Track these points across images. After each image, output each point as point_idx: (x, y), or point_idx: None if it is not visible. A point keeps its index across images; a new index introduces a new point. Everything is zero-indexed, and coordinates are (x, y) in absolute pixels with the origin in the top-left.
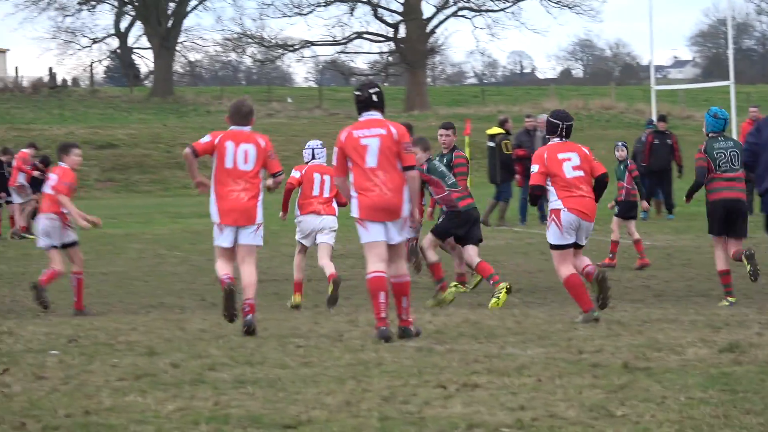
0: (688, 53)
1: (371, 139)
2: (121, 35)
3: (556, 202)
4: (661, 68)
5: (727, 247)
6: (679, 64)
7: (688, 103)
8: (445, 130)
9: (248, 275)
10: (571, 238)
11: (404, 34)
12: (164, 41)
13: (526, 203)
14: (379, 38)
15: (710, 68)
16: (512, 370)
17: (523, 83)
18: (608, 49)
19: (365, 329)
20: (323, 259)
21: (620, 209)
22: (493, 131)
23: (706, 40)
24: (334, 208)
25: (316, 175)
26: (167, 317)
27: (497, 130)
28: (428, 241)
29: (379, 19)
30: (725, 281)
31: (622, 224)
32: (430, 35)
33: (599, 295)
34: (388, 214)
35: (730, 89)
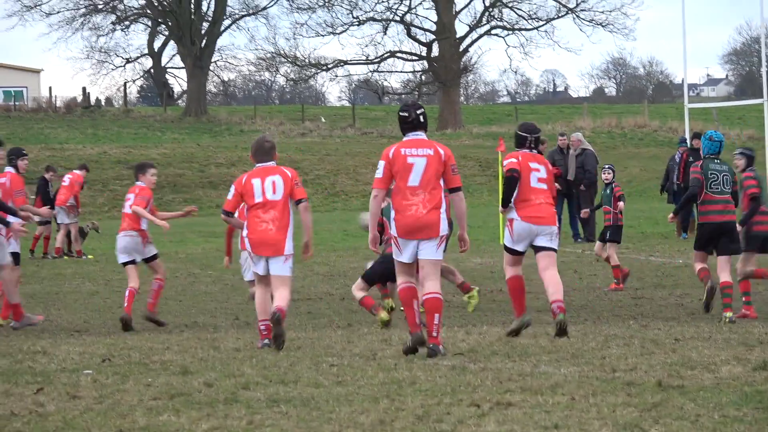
0: (721, 71)
1: (419, 158)
2: (154, 55)
3: (512, 212)
4: (694, 86)
5: (709, 261)
6: (712, 82)
7: (721, 121)
8: None
9: (279, 299)
10: (521, 246)
11: (437, 52)
12: (198, 61)
13: (559, 222)
14: (412, 57)
15: (743, 86)
16: (546, 388)
17: (556, 102)
18: (641, 67)
19: (398, 348)
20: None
21: (610, 234)
22: None
23: (739, 58)
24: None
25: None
26: (201, 336)
27: None
28: (356, 284)
29: (412, 38)
30: (726, 293)
31: (604, 247)
32: (463, 54)
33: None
34: (423, 232)
35: (763, 107)
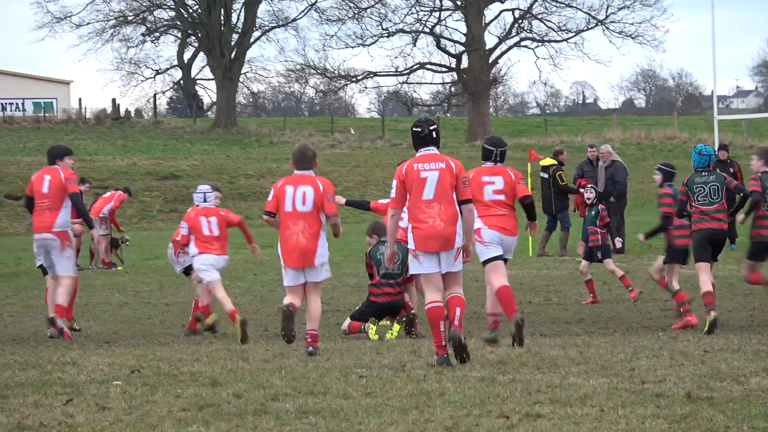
0: (750, 83)
1: (431, 172)
2: (184, 66)
3: (477, 221)
4: (723, 98)
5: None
6: (741, 93)
7: (750, 132)
8: None
9: (314, 308)
10: (496, 249)
11: (467, 64)
12: (227, 72)
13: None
14: (441, 69)
15: None
16: (575, 400)
17: (585, 113)
18: (671, 79)
19: (428, 359)
20: (220, 292)
21: (601, 253)
22: (546, 162)
23: None
24: (226, 249)
25: (202, 218)
26: (230, 348)
27: (551, 161)
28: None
29: (441, 49)
30: (708, 301)
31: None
32: (492, 66)
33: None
34: (440, 243)
35: None
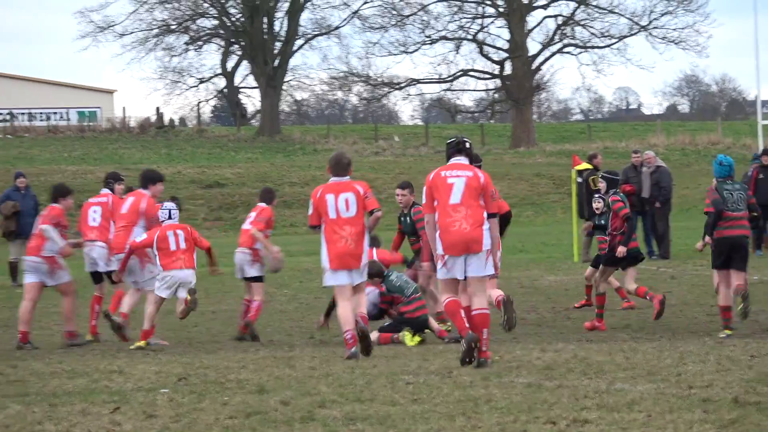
0: None
1: (458, 178)
2: (227, 75)
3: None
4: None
5: (729, 281)
6: None
7: None
8: (401, 189)
9: (359, 303)
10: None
11: (510, 71)
12: (271, 80)
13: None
14: (485, 75)
15: None
16: (622, 405)
17: (629, 119)
18: (714, 84)
19: (474, 365)
20: (181, 306)
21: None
22: (581, 167)
23: None
24: (193, 261)
25: (170, 233)
26: (277, 355)
27: (586, 165)
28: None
29: (484, 56)
30: (725, 316)
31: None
32: (535, 72)
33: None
34: (466, 247)
35: None
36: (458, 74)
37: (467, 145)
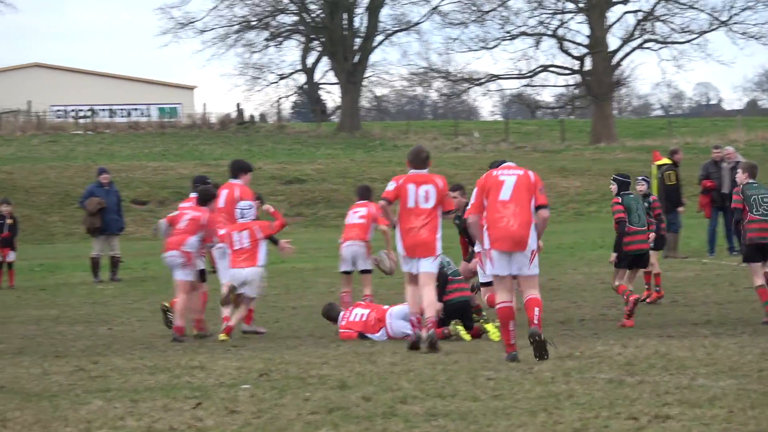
0: None
1: (509, 177)
2: (308, 71)
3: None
4: None
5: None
6: None
7: None
8: (452, 192)
9: (427, 297)
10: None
11: (590, 66)
12: (351, 76)
13: (714, 234)
14: (565, 71)
15: None
16: (704, 401)
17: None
18: None
19: (555, 362)
20: (244, 305)
21: (655, 243)
22: (660, 162)
23: None
24: (256, 260)
25: (235, 233)
26: (358, 351)
27: (665, 161)
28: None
29: (564, 52)
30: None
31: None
32: (616, 67)
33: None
34: (514, 244)
35: None
36: (538, 70)
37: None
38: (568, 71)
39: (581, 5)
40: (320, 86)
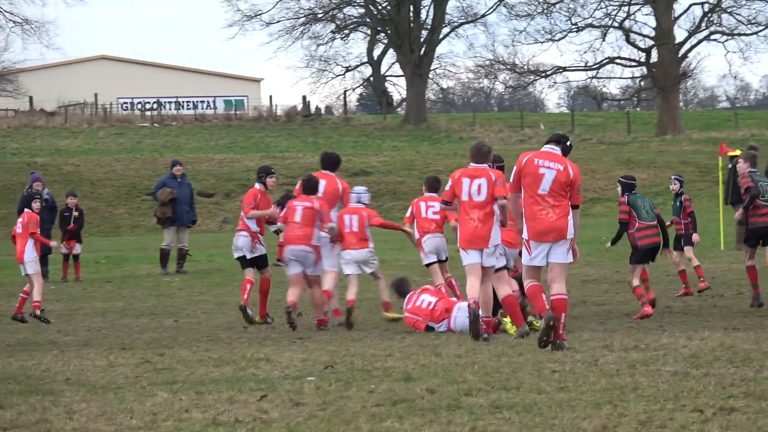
0: None
1: (549, 170)
2: (374, 63)
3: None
4: None
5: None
6: None
7: None
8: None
9: (486, 293)
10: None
11: (656, 58)
12: (417, 69)
13: None
14: (631, 63)
15: None
16: None
17: None
18: None
19: (620, 354)
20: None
21: (684, 240)
22: (733, 153)
23: None
24: (366, 242)
25: (346, 216)
26: (423, 343)
27: (738, 152)
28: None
29: (631, 44)
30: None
31: (681, 254)
32: (682, 59)
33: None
34: (553, 235)
35: None
36: (604, 62)
37: (567, 143)
38: (634, 63)
39: None
40: (386, 78)
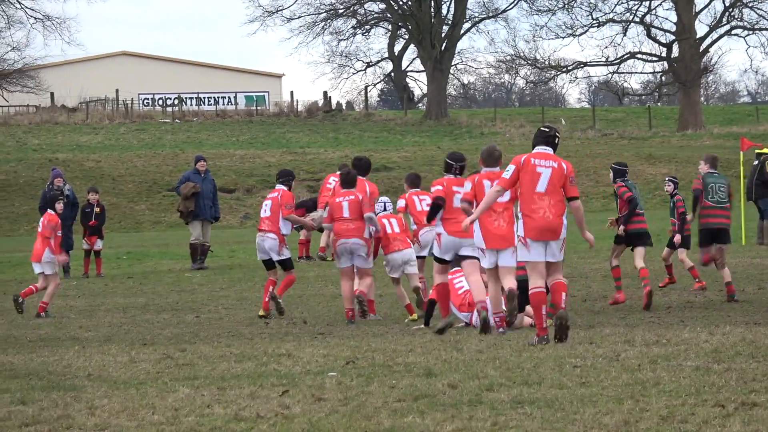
0: None
1: (546, 168)
2: (394, 58)
3: (440, 227)
4: None
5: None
6: None
7: None
8: None
9: (508, 282)
10: (448, 256)
11: (677, 53)
12: (438, 64)
13: None
14: (652, 58)
15: None
16: None
17: None
18: None
19: (642, 349)
20: (414, 283)
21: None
22: (762, 151)
23: None
24: (408, 242)
25: (384, 220)
26: (444, 338)
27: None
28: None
29: (652, 38)
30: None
31: (673, 253)
32: (703, 54)
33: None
34: (550, 234)
35: None
36: (625, 57)
37: (556, 141)
38: (655, 58)
39: None
40: (407, 74)
